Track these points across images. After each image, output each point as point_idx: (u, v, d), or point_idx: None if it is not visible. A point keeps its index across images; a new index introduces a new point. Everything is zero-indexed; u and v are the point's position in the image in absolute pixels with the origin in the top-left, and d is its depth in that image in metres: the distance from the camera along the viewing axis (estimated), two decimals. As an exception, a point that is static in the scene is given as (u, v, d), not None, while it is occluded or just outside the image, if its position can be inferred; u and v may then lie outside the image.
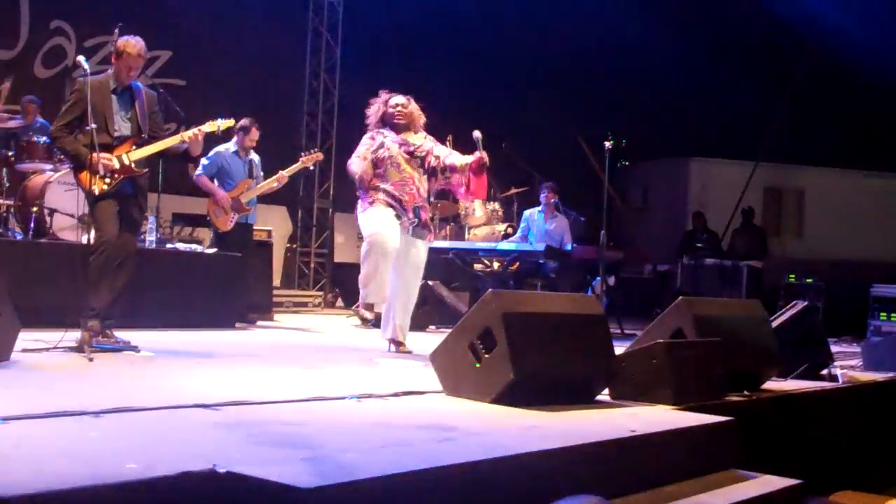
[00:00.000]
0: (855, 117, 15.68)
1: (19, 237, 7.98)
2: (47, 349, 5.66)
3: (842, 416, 6.28)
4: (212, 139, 9.26)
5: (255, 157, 9.35)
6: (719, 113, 15.42)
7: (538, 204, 10.87)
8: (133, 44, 6.19)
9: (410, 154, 6.76)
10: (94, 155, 5.91)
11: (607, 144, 9.62)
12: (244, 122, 9.02)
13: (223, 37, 12.03)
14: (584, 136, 10.58)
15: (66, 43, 11.03)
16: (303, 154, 9.60)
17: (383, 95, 6.96)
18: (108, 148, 6.08)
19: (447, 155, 6.88)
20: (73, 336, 5.77)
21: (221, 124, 6.58)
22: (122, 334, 6.12)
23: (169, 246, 8.96)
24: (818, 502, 3.65)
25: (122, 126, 6.19)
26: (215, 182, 9.10)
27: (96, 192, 6.02)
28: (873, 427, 6.68)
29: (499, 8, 14.44)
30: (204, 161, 8.96)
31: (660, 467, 3.92)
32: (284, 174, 9.22)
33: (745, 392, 5.37)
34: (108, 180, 6.02)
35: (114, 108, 6.16)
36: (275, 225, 11.56)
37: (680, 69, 14.92)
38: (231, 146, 9.19)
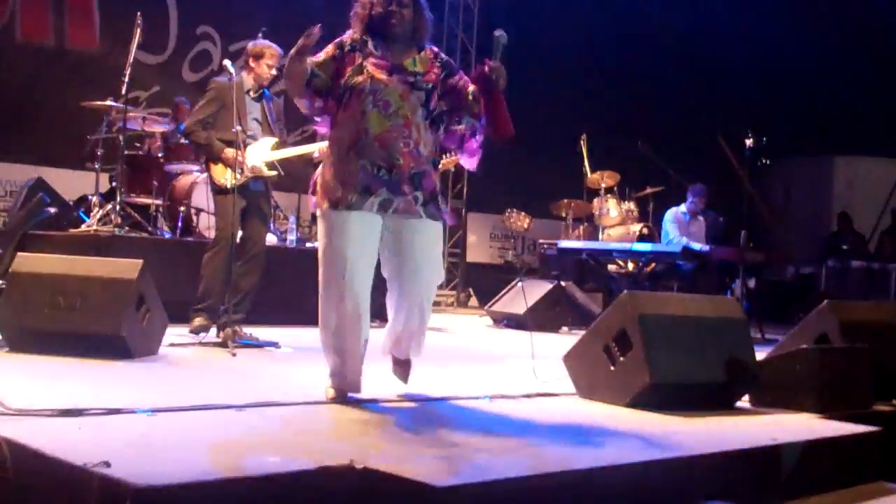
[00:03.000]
0: None
1: (167, 235, 8.30)
2: (193, 344, 5.88)
3: None
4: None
5: None
6: (866, 108, 14.81)
7: (675, 203, 10.63)
8: (272, 45, 6.38)
9: (411, 85, 4.10)
10: (230, 150, 6.10)
11: (748, 142, 9.35)
12: None
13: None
14: (723, 134, 10.31)
15: (211, 48, 11.42)
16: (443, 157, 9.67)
17: None
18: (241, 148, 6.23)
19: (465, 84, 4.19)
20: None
21: None
22: (261, 331, 6.30)
23: (308, 245, 9.16)
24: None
25: (255, 128, 6.39)
26: None
27: (227, 186, 6.18)
28: None
29: (635, 8, 14.23)
30: None
31: (803, 478, 3.79)
32: None
33: (895, 401, 5.15)
34: (237, 176, 6.14)
35: (247, 109, 6.34)
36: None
37: (824, 63, 14.39)
38: None
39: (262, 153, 6.37)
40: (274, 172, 6.43)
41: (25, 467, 2.73)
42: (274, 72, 6.31)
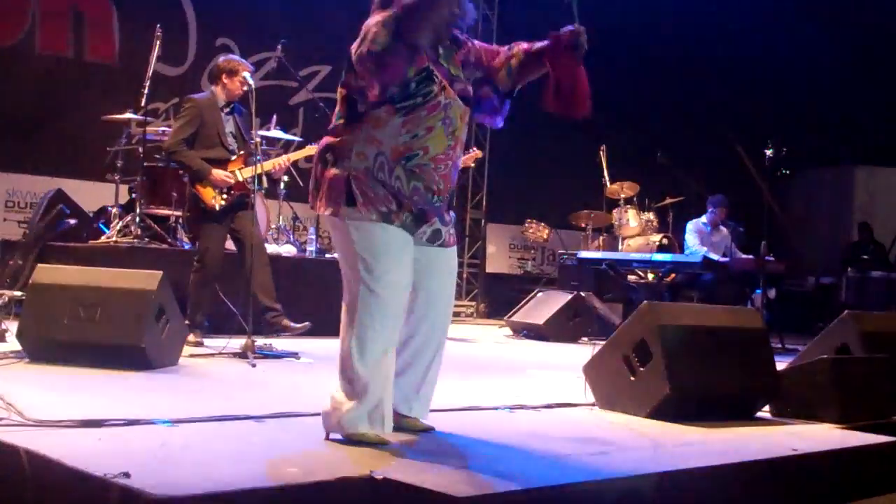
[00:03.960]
0: None
1: (187, 247, 8.32)
2: (212, 354, 5.89)
3: None
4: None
5: None
6: (887, 118, 14.73)
7: (697, 214, 10.59)
8: (244, 61, 6.51)
9: (467, 104, 3.54)
10: (218, 172, 6.17)
11: (768, 153, 9.32)
12: None
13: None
14: (742, 144, 10.24)
15: (231, 60, 11.47)
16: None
17: None
18: (224, 163, 6.39)
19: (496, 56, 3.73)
20: (237, 342, 6.00)
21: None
22: (281, 341, 6.32)
23: (328, 256, 9.18)
24: None
25: (231, 142, 6.50)
26: None
27: (217, 208, 6.28)
28: None
29: (653, 18, 14.21)
30: None
31: (823, 488, 3.76)
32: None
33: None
34: (225, 196, 6.29)
35: (223, 124, 6.46)
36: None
37: (844, 73, 14.32)
38: None
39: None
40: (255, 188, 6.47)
41: (45, 478, 2.74)
42: (245, 88, 6.36)
